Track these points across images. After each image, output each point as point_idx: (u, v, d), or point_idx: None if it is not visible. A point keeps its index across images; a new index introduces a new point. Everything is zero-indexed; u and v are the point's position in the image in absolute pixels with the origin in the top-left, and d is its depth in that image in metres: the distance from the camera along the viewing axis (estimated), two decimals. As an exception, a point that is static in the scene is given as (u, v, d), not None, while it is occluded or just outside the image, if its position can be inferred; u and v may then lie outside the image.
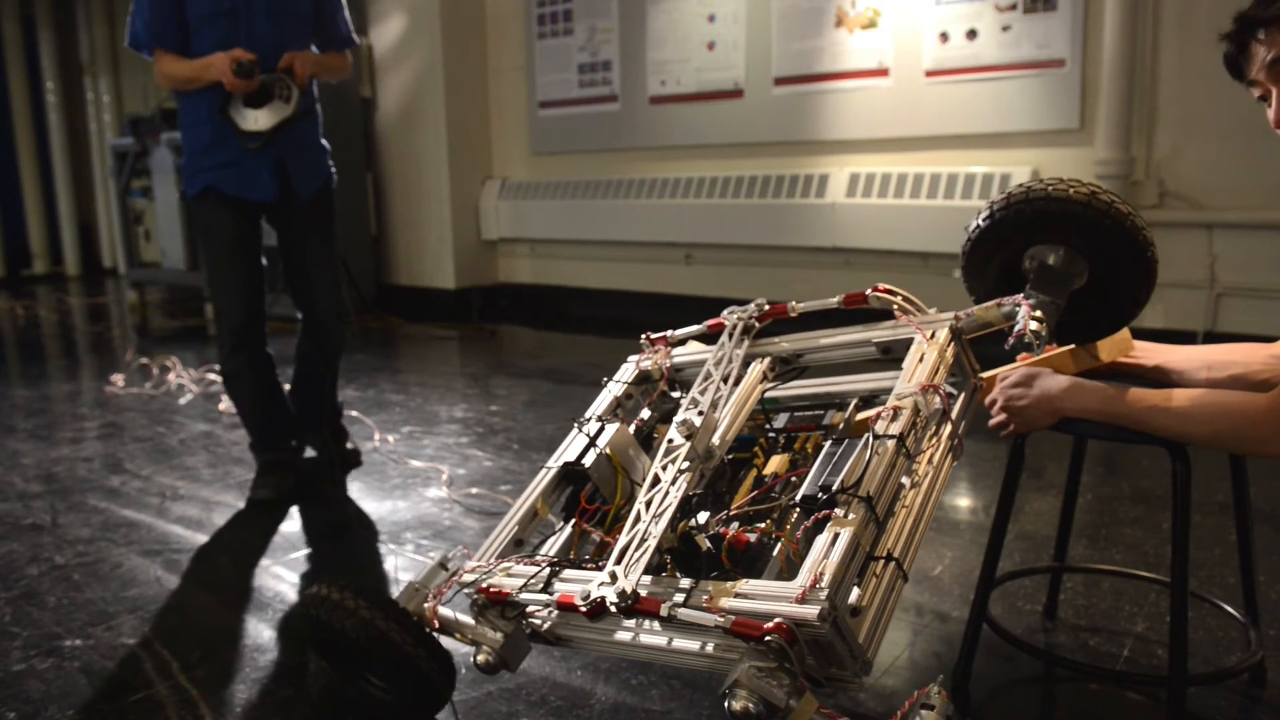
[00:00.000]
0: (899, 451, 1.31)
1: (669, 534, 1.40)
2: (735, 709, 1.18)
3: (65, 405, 4.13)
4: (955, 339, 1.53)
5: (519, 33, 6.15)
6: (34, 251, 9.67)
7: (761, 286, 5.34)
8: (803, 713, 1.17)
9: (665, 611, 1.25)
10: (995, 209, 1.55)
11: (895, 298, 1.59)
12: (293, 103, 2.64)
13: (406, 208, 6.53)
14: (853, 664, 1.21)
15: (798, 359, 1.67)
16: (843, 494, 1.25)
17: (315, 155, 2.85)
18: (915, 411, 1.36)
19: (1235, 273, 4.06)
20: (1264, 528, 2.35)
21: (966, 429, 1.51)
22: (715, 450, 1.49)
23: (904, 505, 1.34)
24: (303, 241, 2.87)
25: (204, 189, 2.71)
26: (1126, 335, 1.62)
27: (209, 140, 2.67)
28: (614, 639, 1.41)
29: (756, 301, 1.71)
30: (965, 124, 4.56)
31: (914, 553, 1.31)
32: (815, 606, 1.16)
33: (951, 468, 1.46)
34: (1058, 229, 1.50)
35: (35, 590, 2.22)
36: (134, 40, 2.70)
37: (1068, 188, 1.48)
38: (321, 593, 1.54)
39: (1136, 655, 1.80)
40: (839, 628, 1.18)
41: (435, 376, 4.57)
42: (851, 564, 1.21)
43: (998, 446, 3.03)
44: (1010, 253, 1.58)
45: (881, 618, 1.25)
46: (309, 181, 2.81)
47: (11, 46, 9.23)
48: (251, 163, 2.68)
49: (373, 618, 1.49)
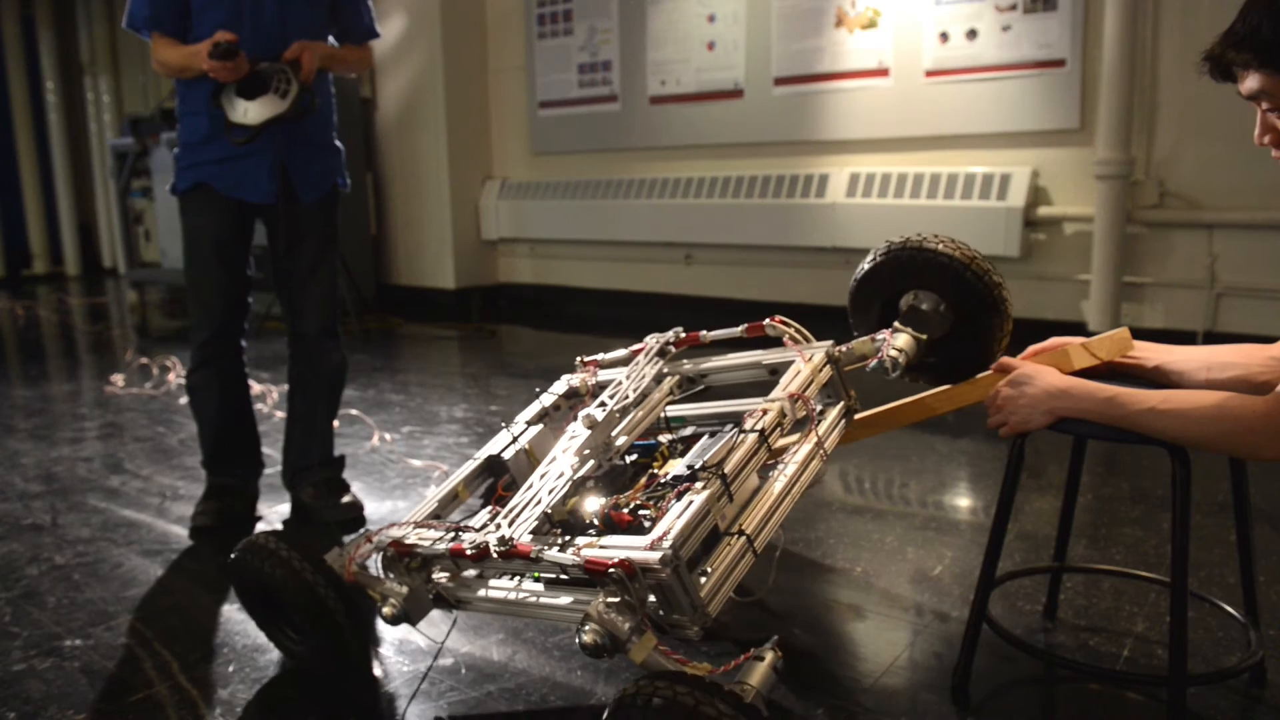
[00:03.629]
0: (760, 444, 1.54)
1: (560, 507, 1.58)
2: (585, 641, 1.34)
3: (65, 405, 4.13)
4: (830, 363, 1.74)
5: (519, 33, 6.15)
6: (34, 251, 9.67)
7: (761, 286, 5.34)
8: (643, 647, 1.34)
9: (534, 554, 1.44)
10: (879, 255, 1.81)
11: (788, 328, 1.80)
12: (289, 98, 2.36)
13: (406, 208, 6.53)
14: (693, 613, 1.37)
15: (702, 378, 1.90)
16: (704, 471, 1.47)
17: (324, 157, 2.57)
18: (780, 414, 1.60)
19: (1235, 273, 4.06)
20: (1264, 528, 2.35)
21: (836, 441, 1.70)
22: (614, 445, 1.70)
23: (765, 493, 1.53)
24: (297, 251, 2.56)
25: (195, 184, 2.47)
26: (1126, 335, 1.62)
27: (206, 133, 2.42)
28: (502, 599, 1.59)
29: (674, 330, 1.95)
30: (965, 124, 4.56)
31: (767, 533, 1.50)
32: (659, 553, 1.33)
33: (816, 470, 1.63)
34: (930, 277, 1.76)
35: (35, 590, 2.22)
36: (131, 21, 2.46)
37: (939, 243, 1.75)
38: (259, 541, 1.73)
39: (1136, 655, 1.80)
40: (680, 575, 1.35)
41: (435, 376, 4.57)
42: (700, 526, 1.40)
43: (998, 446, 3.03)
44: (890, 294, 1.84)
45: (726, 581, 1.43)
46: (313, 185, 2.53)
47: (11, 46, 9.23)
48: (249, 160, 2.43)
49: (302, 569, 1.69)
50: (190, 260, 2.53)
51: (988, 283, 1.74)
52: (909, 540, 2.38)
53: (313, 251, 2.58)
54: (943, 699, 1.65)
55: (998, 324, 1.77)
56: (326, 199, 2.59)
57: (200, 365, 2.56)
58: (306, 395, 2.67)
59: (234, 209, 2.49)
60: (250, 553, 1.74)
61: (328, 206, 2.60)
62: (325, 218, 2.60)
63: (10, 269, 9.58)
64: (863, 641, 1.91)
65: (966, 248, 1.75)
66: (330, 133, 2.61)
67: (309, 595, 1.69)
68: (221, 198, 2.46)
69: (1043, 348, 1.64)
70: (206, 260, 2.49)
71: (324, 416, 2.69)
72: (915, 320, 1.78)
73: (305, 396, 2.67)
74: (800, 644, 1.86)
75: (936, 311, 1.79)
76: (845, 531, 2.45)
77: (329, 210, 2.61)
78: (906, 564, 2.24)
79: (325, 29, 2.56)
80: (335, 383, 2.68)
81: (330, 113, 2.61)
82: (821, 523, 2.51)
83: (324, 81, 2.57)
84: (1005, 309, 1.77)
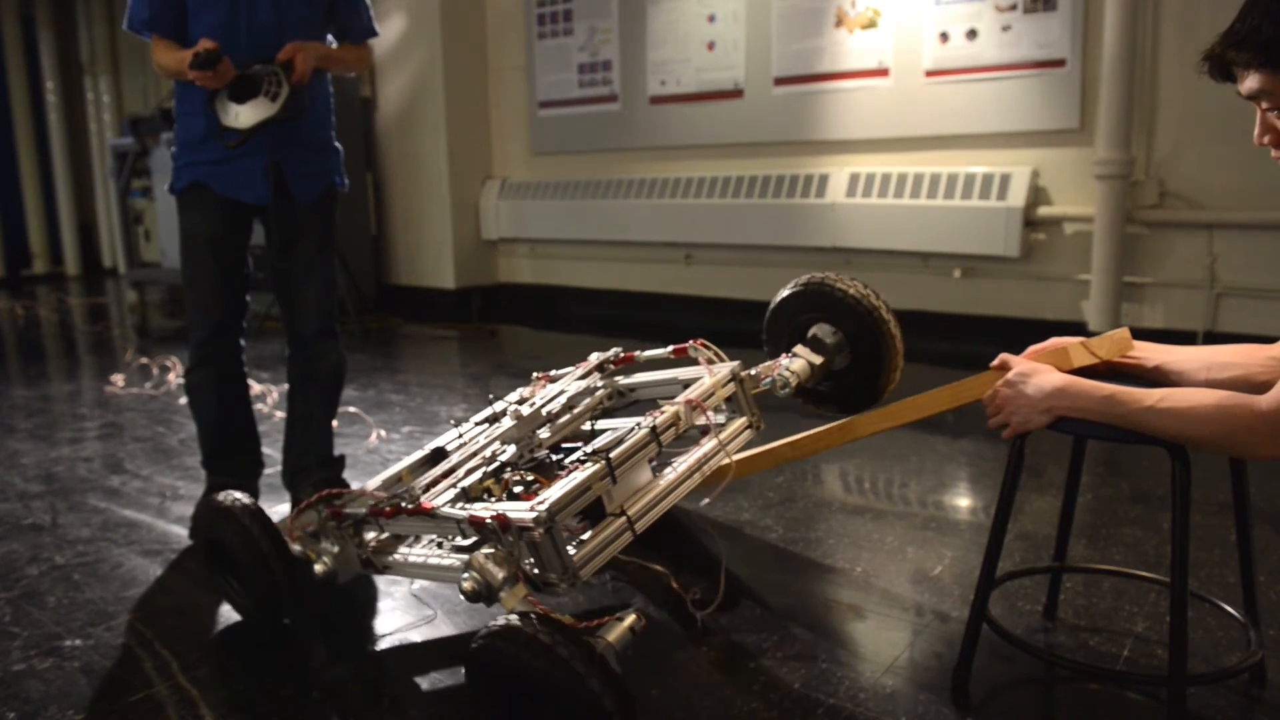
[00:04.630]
0: (651, 439, 1.75)
1: (477, 484, 1.82)
2: (465, 588, 1.55)
3: (65, 405, 4.13)
4: (734, 380, 1.95)
5: (519, 33, 6.15)
6: (34, 251, 9.67)
7: (761, 286, 5.34)
8: (514, 595, 1.52)
9: (433, 511, 1.68)
10: (791, 289, 2.05)
11: (708, 351, 2.02)
12: (280, 100, 2.34)
13: (406, 208, 6.53)
14: (563, 573, 1.57)
15: (631, 392, 2.16)
16: (594, 454, 1.68)
17: (320, 157, 2.56)
18: (675, 417, 1.80)
19: (1235, 273, 4.06)
20: (1264, 528, 2.35)
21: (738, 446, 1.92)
22: (537, 438, 1.97)
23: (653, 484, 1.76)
24: (294, 250, 2.56)
25: (191, 184, 2.47)
26: (1126, 334, 1.62)
27: (203, 133, 2.42)
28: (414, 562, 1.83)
29: (615, 349, 2.26)
30: (965, 124, 4.56)
31: (650, 518, 1.72)
32: (534, 513, 1.53)
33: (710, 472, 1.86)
34: (834, 312, 2.00)
35: (35, 590, 2.22)
36: (131, 23, 2.45)
37: (842, 283, 1.99)
38: (219, 501, 1.96)
39: (1136, 655, 1.80)
40: (552, 536, 1.54)
41: (435, 376, 4.57)
42: (581, 498, 1.60)
43: (998, 446, 3.03)
44: (800, 324, 2.06)
45: (600, 552, 1.64)
46: (309, 186, 2.52)
47: (11, 46, 9.23)
48: (243, 162, 2.43)
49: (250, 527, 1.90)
50: (187, 260, 2.52)
51: (879, 318, 1.96)
52: (909, 540, 2.38)
53: (309, 252, 2.57)
54: (943, 699, 1.65)
55: (887, 362, 1.98)
56: (323, 199, 2.57)
57: (199, 364, 2.55)
58: (305, 396, 2.67)
59: (230, 209, 2.48)
60: (208, 509, 1.99)
61: (324, 207, 2.58)
62: (322, 218, 2.58)
63: (10, 269, 9.58)
64: (863, 641, 1.91)
65: (866, 289, 1.99)
66: (328, 133, 2.60)
67: (253, 552, 1.89)
68: (218, 197, 2.46)
69: (1042, 348, 1.64)
70: (203, 259, 2.48)
71: (323, 416, 2.69)
72: (816, 348, 2.00)
73: (304, 397, 2.67)
74: (800, 644, 1.86)
75: (835, 343, 2.01)
76: (845, 531, 2.45)
77: (326, 211, 2.59)
78: (906, 564, 2.24)
79: (322, 29, 2.54)
80: (334, 383, 2.68)
81: (328, 113, 2.59)
82: (821, 523, 2.51)
83: (322, 82, 2.55)
84: (894, 348, 1.98)
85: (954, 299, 4.76)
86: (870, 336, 1.97)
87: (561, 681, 1.34)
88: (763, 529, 2.47)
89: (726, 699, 1.67)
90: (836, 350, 2.01)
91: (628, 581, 2.16)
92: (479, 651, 1.44)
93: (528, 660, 1.36)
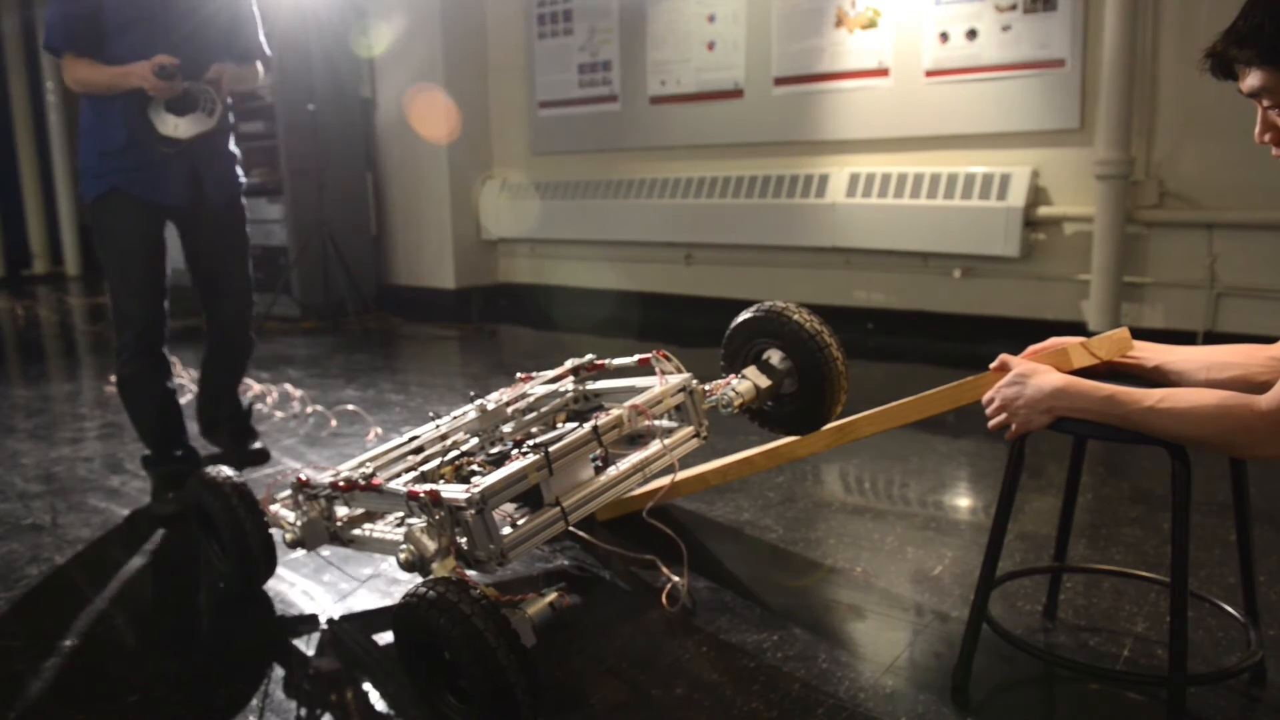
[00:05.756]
0: (592, 437, 1.85)
1: (435, 470, 1.99)
2: (400, 559, 1.68)
3: (65, 405, 4.13)
4: (683, 390, 2.07)
5: (519, 33, 6.15)
6: (34, 251, 9.67)
7: (761, 286, 5.34)
8: (445, 566, 1.62)
9: (381, 487, 1.81)
10: (751, 313, 2.15)
11: (668, 362, 2.13)
12: (215, 115, 2.70)
13: (406, 208, 6.53)
14: (492, 552, 1.67)
15: (596, 396, 2.31)
16: (536, 447, 1.79)
17: (229, 163, 2.88)
18: (619, 420, 1.90)
19: (1235, 273, 4.06)
20: (1264, 528, 2.35)
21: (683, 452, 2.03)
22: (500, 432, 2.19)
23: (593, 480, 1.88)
24: (214, 245, 2.90)
25: (110, 190, 2.67)
26: (1126, 334, 1.62)
27: (123, 143, 2.64)
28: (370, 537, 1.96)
29: (589, 356, 2.39)
30: (965, 124, 4.56)
31: (584, 511, 1.83)
32: (468, 494, 1.64)
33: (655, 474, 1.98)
34: (786, 339, 2.10)
35: (35, 590, 2.22)
36: (49, 43, 2.65)
37: (791, 312, 2.10)
38: (209, 474, 2.13)
39: (1136, 655, 1.80)
40: (484, 518, 1.65)
41: (435, 376, 4.57)
42: (515, 485, 1.71)
43: (998, 446, 3.03)
44: (755, 348, 2.18)
45: (531, 538, 1.74)
46: (223, 188, 2.86)
47: (11, 46, 9.23)
48: (165, 167, 2.69)
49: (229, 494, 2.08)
50: (113, 259, 2.72)
51: (829, 355, 2.08)
52: (909, 540, 2.38)
53: (230, 244, 2.94)
54: (943, 699, 1.65)
55: (831, 395, 2.10)
56: (234, 198, 2.92)
57: (135, 356, 2.73)
58: (219, 365, 3.10)
59: (149, 211, 2.73)
60: (198, 481, 2.16)
61: (236, 204, 2.94)
62: (236, 214, 2.94)
63: (10, 269, 9.58)
64: (863, 641, 1.91)
65: (822, 325, 2.10)
66: (231, 140, 2.92)
67: (231, 519, 2.06)
68: (136, 201, 2.69)
69: (1042, 348, 1.64)
70: (133, 259, 2.71)
71: (231, 382, 3.16)
72: (766, 371, 2.13)
73: (217, 366, 3.10)
74: (800, 644, 1.86)
75: (784, 370, 2.13)
76: (845, 531, 2.45)
77: (237, 207, 2.95)
78: (906, 564, 2.24)
79: (225, 52, 2.82)
80: (244, 358, 3.14)
81: (230, 125, 2.91)
82: (821, 523, 2.52)
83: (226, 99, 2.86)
84: (840, 384, 2.10)
85: (954, 299, 4.76)
86: (819, 369, 2.09)
87: (471, 647, 1.45)
88: (763, 529, 2.47)
89: (726, 699, 1.67)
90: (785, 376, 2.14)
91: (621, 577, 2.16)
92: (401, 609, 1.55)
93: (445, 625, 1.46)
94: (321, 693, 1.77)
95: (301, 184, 6.05)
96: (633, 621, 1.98)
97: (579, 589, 2.18)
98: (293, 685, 1.79)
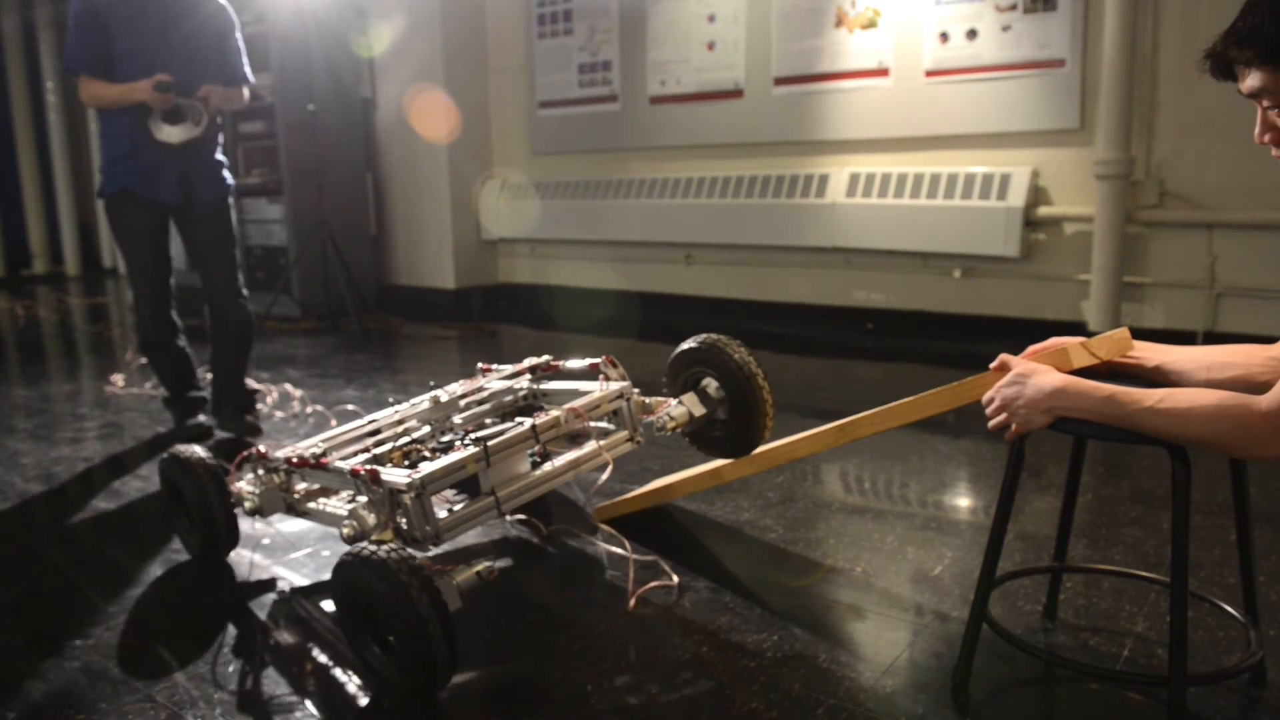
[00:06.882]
0: (530, 435, 2.01)
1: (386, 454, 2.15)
2: (343, 533, 1.83)
3: (65, 405, 4.13)
4: (621, 397, 2.22)
5: (519, 33, 6.15)
6: (34, 251, 9.67)
7: (761, 286, 5.34)
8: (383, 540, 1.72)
9: (328, 466, 2.01)
10: (693, 343, 2.28)
11: (615, 370, 2.30)
12: (201, 126, 3.25)
13: (406, 208, 6.53)
14: (428, 533, 1.82)
15: (545, 396, 2.46)
16: (475, 440, 1.96)
17: (215, 168, 3.40)
18: (556, 420, 2.06)
19: (1235, 273, 4.06)
20: (1264, 528, 2.35)
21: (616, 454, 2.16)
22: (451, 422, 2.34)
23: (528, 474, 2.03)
24: (203, 235, 3.41)
25: (120, 189, 3.25)
26: (1126, 335, 1.62)
27: (127, 149, 3.21)
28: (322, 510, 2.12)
29: (546, 357, 2.54)
30: (965, 124, 4.56)
31: (519, 501, 1.98)
32: (408, 479, 1.80)
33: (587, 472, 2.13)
34: (722, 370, 2.25)
35: (35, 590, 2.22)
36: (69, 64, 3.21)
37: (729, 348, 2.24)
38: (182, 454, 2.30)
39: (1136, 655, 1.80)
40: (422, 501, 1.80)
41: (435, 376, 4.57)
42: (454, 474, 1.87)
43: (998, 446, 3.03)
44: (694, 374, 2.32)
45: (464, 522, 1.90)
46: (210, 188, 3.37)
47: (11, 46, 9.23)
48: (160, 170, 3.24)
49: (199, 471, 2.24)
50: (130, 249, 3.36)
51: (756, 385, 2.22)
52: (909, 540, 2.38)
53: (217, 232, 3.42)
54: (943, 699, 1.65)
55: (758, 421, 2.24)
56: (221, 196, 3.41)
57: (151, 326, 3.39)
58: (219, 346, 3.52)
59: (151, 206, 3.29)
60: (170, 459, 2.33)
61: (222, 201, 3.42)
62: (223, 209, 3.43)
63: (10, 269, 9.58)
64: (863, 641, 1.91)
65: (749, 356, 2.24)
66: (218, 149, 3.42)
67: (198, 491, 2.22)
68: (140, 198, 3.26)
69: (1042, 348, 1.64)
70: (144, 246, 3.32)
71: (231, 362, 3.53)
72: (701, 397, 2.28)
73: (218, 347, 3.52)
74: (800, 644, 1.86)
75: (718, 399, 2.27)
76: (845, 531, 2.45)
77: (224, 203, 3.43)
78: (906, 564, 2.24)
79: (215, 75, 3.35)
80: (241, 333, 3.50)
81: (217, 134, 3.41)
82: (821, 523, 2.52)
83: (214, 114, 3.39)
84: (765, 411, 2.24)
85: (954, 299, 4.76)
86: (747, 399, 2.23)
87: (398, 603, 1.58)
88: (763, 529, 2.47)
89: (726, 699, 1.67)
90: (718, 404, 2.28)
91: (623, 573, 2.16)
92: (339, 566, 1.69)
93: (375, 583, 1.61)
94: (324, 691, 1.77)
95: (301, 184, 6.05)
96: (633, 621, 1.98)
97: (579, 588, 2.19)
98: (296, 684, 1.79)
